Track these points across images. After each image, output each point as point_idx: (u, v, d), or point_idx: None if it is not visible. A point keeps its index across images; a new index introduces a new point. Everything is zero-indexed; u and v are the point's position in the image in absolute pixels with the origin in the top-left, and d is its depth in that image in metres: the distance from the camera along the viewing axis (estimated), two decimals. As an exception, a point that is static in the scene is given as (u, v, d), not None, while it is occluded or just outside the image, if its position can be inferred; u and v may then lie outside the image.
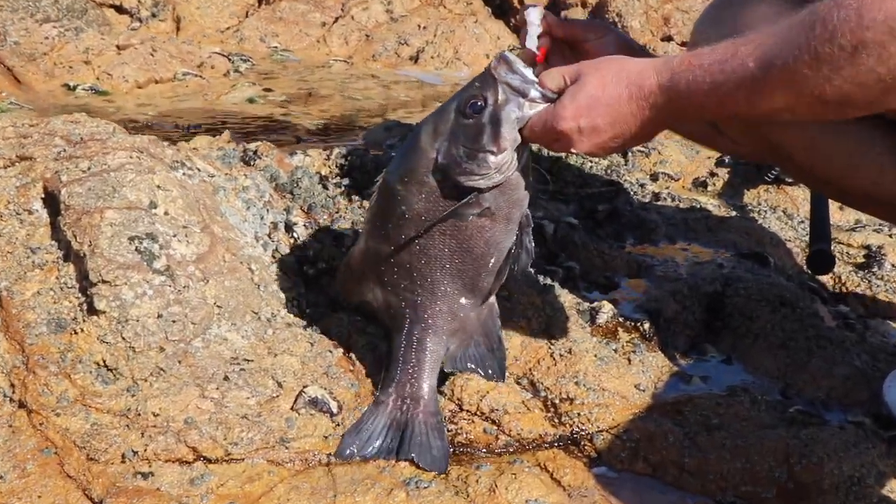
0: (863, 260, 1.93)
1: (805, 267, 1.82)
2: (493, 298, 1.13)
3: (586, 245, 1.77)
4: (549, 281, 1.57)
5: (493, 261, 1.08)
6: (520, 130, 1.04)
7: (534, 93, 1.01)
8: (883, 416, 1.35)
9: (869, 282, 1.87)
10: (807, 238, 1.84)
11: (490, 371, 1.19)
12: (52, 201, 1.35)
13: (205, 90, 2.86)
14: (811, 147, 1.33)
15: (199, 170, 1.56)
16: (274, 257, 1.49)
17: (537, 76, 1.06)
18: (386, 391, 1.17)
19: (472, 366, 1.20)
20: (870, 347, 1.53)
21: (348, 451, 1.13)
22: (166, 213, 1.35)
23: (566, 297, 1.52)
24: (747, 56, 0.97)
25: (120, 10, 3.48)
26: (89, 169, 1.37)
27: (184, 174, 1.49)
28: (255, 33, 3.50)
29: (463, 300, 1.12)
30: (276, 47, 3.45)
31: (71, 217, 1.30)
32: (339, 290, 1.20)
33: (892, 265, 1.87)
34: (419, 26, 3.75)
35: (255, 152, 1.78)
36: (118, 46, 2.89)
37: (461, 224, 1.06)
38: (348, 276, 1.22)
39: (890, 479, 1.19)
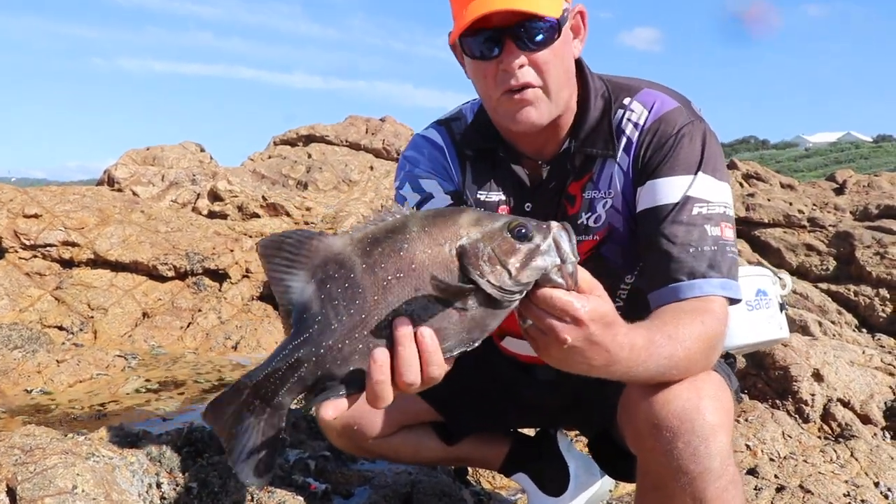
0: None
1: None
2: None
3: (333, 470, 1.97)
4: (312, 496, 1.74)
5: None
6: (536, 282, 0.88)
7: (569, 267, 0.87)
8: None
9: (491, 473, 2.17)
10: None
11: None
12: (11, 493, 1.48)
13: (110, 384, 3.26)
14: (391, 450, 1.65)
15: (103, 455, 1.71)
16: (150, 505, 1.68)
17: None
18: (247, 378, 0.92)
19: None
20: (493, 512, 1.83)
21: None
22: (83, 491, 1.50)
23: (323, 506, 1.71)
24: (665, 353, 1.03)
25: (60, 328, 3.96)
26: (34, 470, 1.52)
27: (93, 461, 1.65)
28: (141, 337, 4.00)
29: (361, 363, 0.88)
30: (153, 345, 3.92)
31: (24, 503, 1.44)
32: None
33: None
34: (237, 326, 4.28)
35: (136, 435, 1.94)
36: (57, 361, 3.33)
37: (428, 302, 0.86)
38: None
39: None
